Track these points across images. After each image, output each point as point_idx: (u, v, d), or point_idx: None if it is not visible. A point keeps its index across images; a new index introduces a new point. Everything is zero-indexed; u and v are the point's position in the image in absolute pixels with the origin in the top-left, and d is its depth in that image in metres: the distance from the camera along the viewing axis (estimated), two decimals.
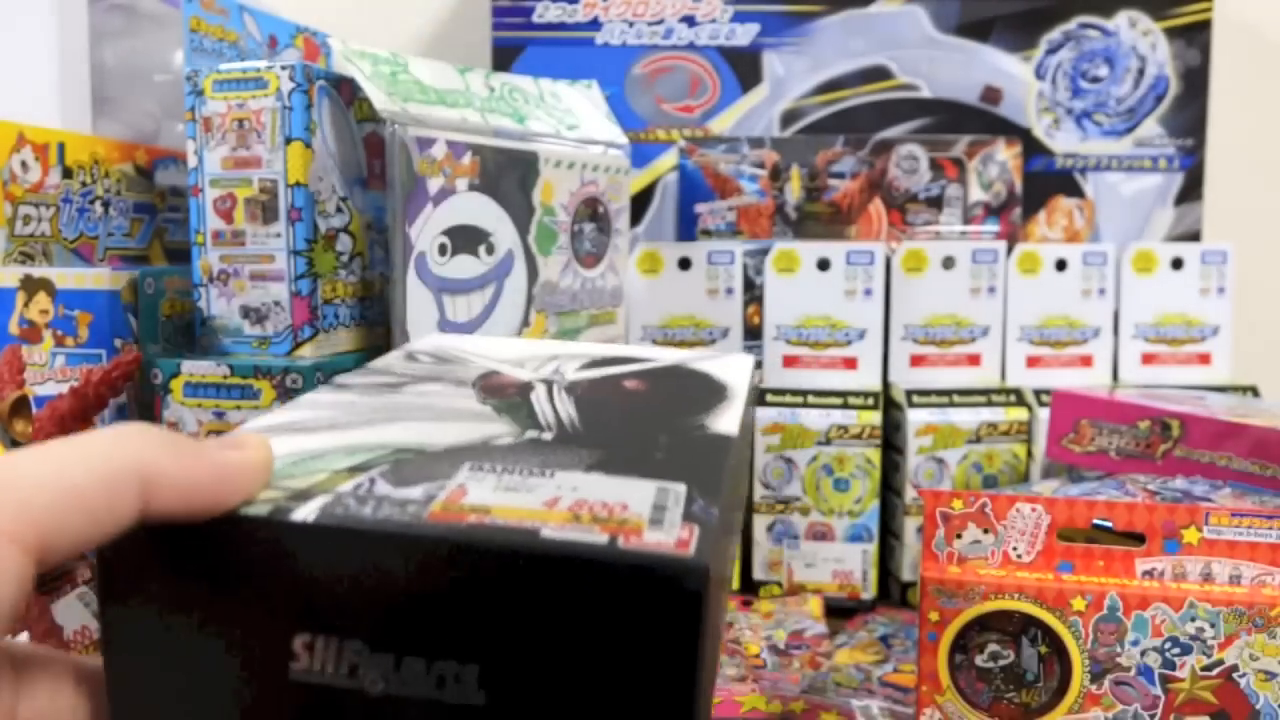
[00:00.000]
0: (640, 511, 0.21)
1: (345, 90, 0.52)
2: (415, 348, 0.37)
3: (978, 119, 0.77)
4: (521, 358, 0.36)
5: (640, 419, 0.29)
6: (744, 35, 0.77)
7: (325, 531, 0.20)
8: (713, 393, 0.33)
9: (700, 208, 0.77)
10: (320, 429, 0.27)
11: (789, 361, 0.70)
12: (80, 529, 0.19)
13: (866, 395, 0.67)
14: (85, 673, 0.22)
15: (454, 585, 0.20)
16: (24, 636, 0.36)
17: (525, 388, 0.32)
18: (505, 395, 0.31)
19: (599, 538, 0.20)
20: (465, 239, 0.52)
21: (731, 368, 0.36)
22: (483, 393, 0.31)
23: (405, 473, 0.23)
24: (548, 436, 0.27)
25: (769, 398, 0.67)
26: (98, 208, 0.56)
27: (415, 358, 0.36)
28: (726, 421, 0.29)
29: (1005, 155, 0.76)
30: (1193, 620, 0.37)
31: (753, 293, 0.71)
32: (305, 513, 0.20)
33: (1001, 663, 0.38)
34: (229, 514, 0.20)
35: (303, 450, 0.24)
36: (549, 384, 0.32)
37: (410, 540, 0.20)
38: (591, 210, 0.61)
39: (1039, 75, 0.77)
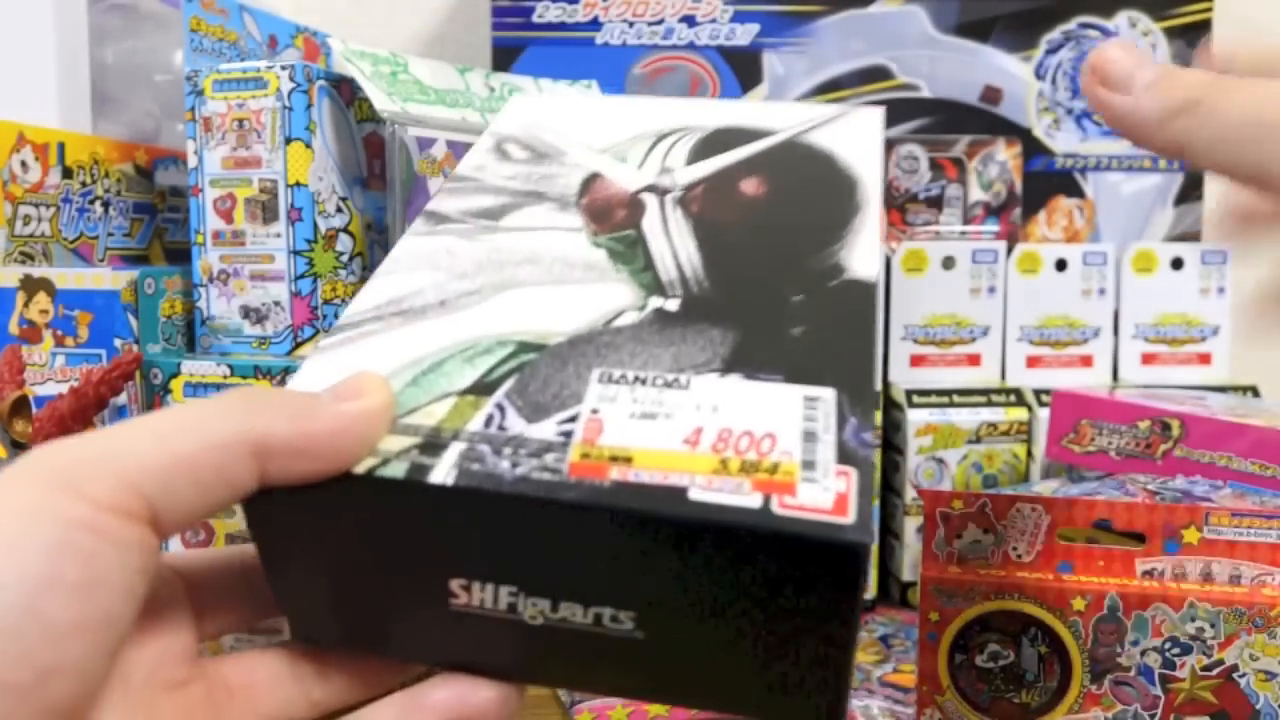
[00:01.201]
0: (789, 449, 0.20)
1: (345, 90, 0.52)
2: (504, 131, 0.33)
3: (978, 119, 0.77)
4: (623, 142, 0.31)
5: (768, 258, 0.26)
6: (744, 35, 0.77)
7: (466, 493, 0.19)
8: (842, 194, 0.28)
9: None
10: (429, 309, 0.25)
11: None
12: (191, 498, 0.18)
13: None
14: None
15: (603, 543, 0.19)
16: None
17: (636, 208, 0.28)
18: (615, 222, 0.28)
19: (750, 499, 0.19)
20: None
21: (857, 136, 0.31)
22: (590, 219, 0.28)
23: (532, 392, 0.22)
24: (673, 306, 0.24)
25: None
26: (98, 208, 0.56)
27: (506, 153, 0.32)
28: (863, 252, 0.26)
29: (1005, 155, 0.76)
30: (1193, 620, 0.37)
31: None
32: (443, 472, 0.20)
33: (1001, 663, 0.38)
34: (367, 472, 0.20)
35: (420, 357, 0.23)
36: (660, 198, 0.28)
37: (555, 506, 0.19)
38: None
39: (1039, 75, 0.77)
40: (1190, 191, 0.78)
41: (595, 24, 0.77)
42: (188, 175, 0.50)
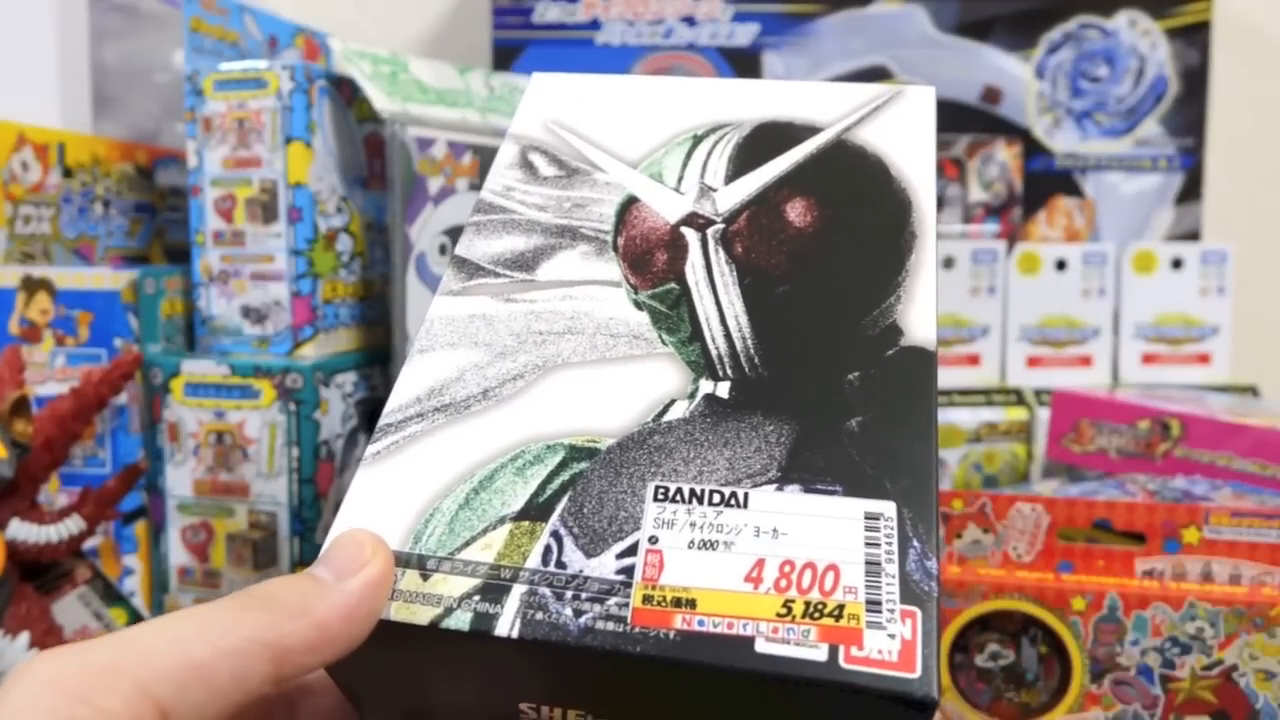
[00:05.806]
0: (853, 584, 0.20)
1: (345, 90, 0.52)
2: (528, 134, 0.30)
3: (978, 119, 0.77)
4: (658, 147, 0.29)
5: (821, 318, 0.25)
6: (744, 35, 0.77)
7: (532, 644, 0.20)
8: (897, 223, 0.27)
9: None
10: (472, 402, 0.24)
11: None
12: (204, 703, 0.18)
13: None
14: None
15: (671, 686, 0.20)
16: (24, 637, 0.36)
17: (677, 250, 0.27)
18: (656, 272, 0.26)
19: (817, 651, 0.19)
20: None
21: (910, 131, 0.29)
22: (629, 267, 0.26)
23: (588, 515, 0.21)
24: (724, 391, 0.23)
25: None
26: (98, 208, 0.56)
27: (534, 167, 0.30)
28: (921, 307, 0.25)
29: (1005, 155, 0.76)
30: (1192, 620, 0.37)
31: None
32: (507, 624, 0.20)
33: (1001, 663, 0.38)
34: (431, 624, 0.20)
35: (469, 468, 0.23)
36: (701, 234, 0.27)
37: (622, 657, 0.19)
38: None
39: (1039, 75, 0.77)
40: (1190, 191, 0.78)
41: (595, 24, 0.77)
42: (188, 175, 0.50)
